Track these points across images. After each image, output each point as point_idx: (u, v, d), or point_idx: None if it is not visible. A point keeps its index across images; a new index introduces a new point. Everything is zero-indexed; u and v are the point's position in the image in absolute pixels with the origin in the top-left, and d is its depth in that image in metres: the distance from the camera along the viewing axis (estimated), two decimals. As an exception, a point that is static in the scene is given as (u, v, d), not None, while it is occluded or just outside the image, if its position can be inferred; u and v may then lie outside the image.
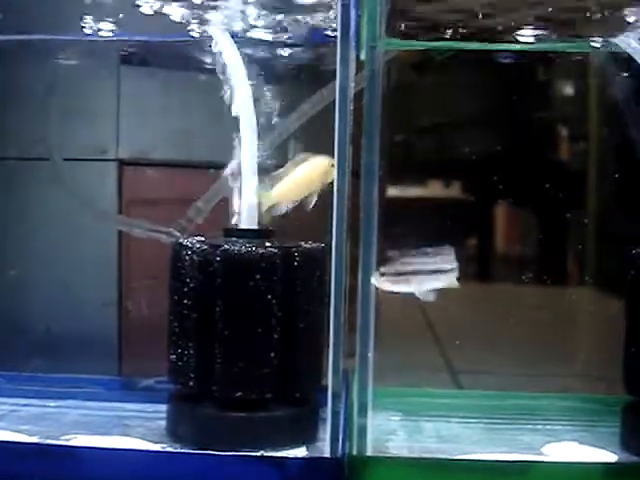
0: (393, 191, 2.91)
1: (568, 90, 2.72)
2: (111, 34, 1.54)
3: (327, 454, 1.20)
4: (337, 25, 1.20)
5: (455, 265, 1.28)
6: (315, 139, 1.46)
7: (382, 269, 1.22)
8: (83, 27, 1.52)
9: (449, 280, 1.27)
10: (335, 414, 1.20)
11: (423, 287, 1.24)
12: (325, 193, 1.34)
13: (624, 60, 1.50)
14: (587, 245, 2.82)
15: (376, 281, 1.21)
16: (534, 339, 2.18)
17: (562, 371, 1.89)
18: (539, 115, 2.76)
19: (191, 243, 1.34)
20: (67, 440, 1.32)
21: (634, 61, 1.45)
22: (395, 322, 2.12)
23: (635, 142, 1.98)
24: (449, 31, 1.50)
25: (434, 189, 3.14)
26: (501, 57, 1.71)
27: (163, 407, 1.41)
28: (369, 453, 1.21)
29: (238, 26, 1.48)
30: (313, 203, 1.37)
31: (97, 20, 1.52)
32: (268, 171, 1.41)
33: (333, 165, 1.21)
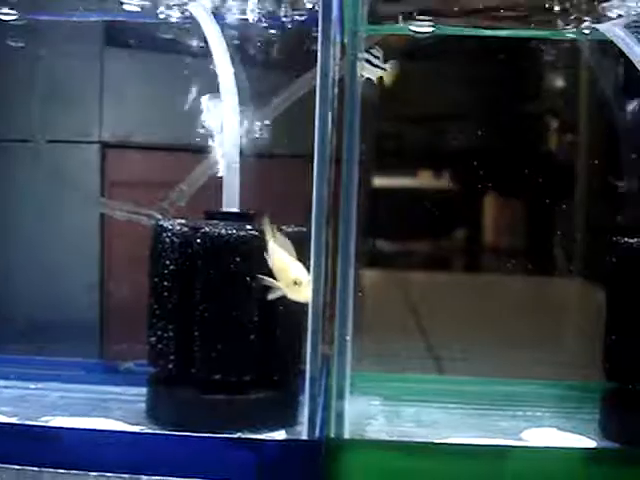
0: (381, 181, 2.92)
1: (558, 80, 2.72)
2: (94, 15, 1.54)
3: (305, 437, 1.20)
4: (319, 9, 1.19)
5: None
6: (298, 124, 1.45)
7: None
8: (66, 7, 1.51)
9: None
10: (313, 397, 1.20)
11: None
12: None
13: (611, 48, 1.50)
14: (575, 236, 2.83)
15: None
16: (520, 328, 2.19)
17: (546, 359, 1.90)
18: (528, 105, 2.76)
19: (171, 225, 1.33)
20: (46, 422, 1.32)
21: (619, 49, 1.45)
22: (380, 312, 2.13)
23: (622, 132, 1.99)
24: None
25: (423, 179, 3.14)
26: (488, 44, 1.71)
27: (143, 390, 1.41)
28: (347, 437, 1.21)
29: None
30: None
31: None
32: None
33: (296, 283, 1.20)
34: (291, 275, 1.21)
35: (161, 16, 1.51)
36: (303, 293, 1.20)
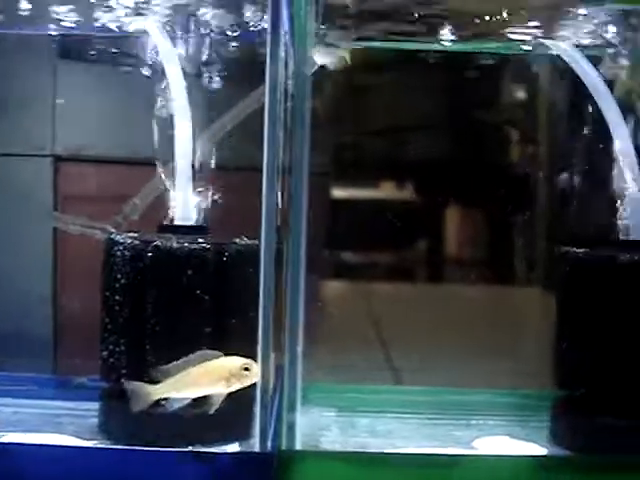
0: (343, 193, 2.93)
1: (518, 92, 2.76)
2: (48, 28, 1.53)
3: (257, 449, 1.20)
4: (268, 22, 1.20)
5: None
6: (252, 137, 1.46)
7: None
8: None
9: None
10: (264, 409, 1.20)
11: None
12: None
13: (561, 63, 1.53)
14: (535, 247, 2.87)
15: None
16: (479, 338, 2.21)
17: (504, 368, 1.91)
18: (488, 117, 2.79)
19: (123, 238, 1.33)
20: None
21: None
22: (341, 323, 2.14)
23: (578, 145, 2.02)
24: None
25: (383, 191, 3.16)
26: (448, 56, 1.73)
27: (96, 405, 1.40)
28: (299, 448, 1.21)
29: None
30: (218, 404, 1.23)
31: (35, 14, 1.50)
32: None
33: (246, 369, 1.18)
34: (238, 365, 1.20)
35: (115, 30, 1.51)
36: (255, 372, 1.19)
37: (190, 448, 1.22)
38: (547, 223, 2.79)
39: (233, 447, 1.30)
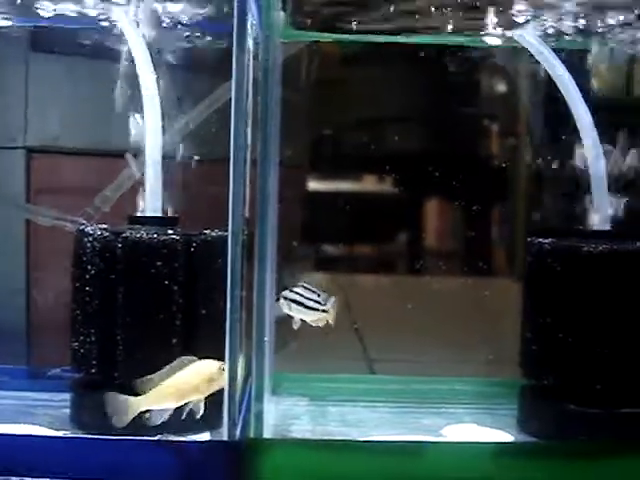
0: (318, 185, 2.94)
1: (496, 85, 2.78)
2: (19, 20, 1.53)
3: (225, 438, 1.21)
4: (234, 13, 1.20)
5: (331, 308, 1.30)
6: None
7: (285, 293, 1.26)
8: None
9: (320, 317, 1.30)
10: (232, 398, 1.21)
11: (298, 315, 1.27)
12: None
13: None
14: (512, 238, 2.89)
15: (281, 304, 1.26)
16: (454, 328, 2.23)
17: (475, 358, 1.93)
18: (466, 110, 2.81)
19: (92, 230, 1.34)
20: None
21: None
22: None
23: (552, 136, 2.03)
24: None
25: (362, 183, 3.17)
26: (425, 48, 1.74)
27: (68, 396, 1.41)
28: (267, 436, 1.23)
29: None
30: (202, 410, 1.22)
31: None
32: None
33: (223, 369, 1.18)
34: (215, 368, 1.20)
35: (86, 21, 1.51)
36: (222, 378, 1.20)
37: (159, 437, 1.22)
38: (524, 215, 2.81)
39: (204, 436, 1.31)
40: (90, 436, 1.26)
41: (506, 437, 1.37)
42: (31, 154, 1.68)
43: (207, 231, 1.38)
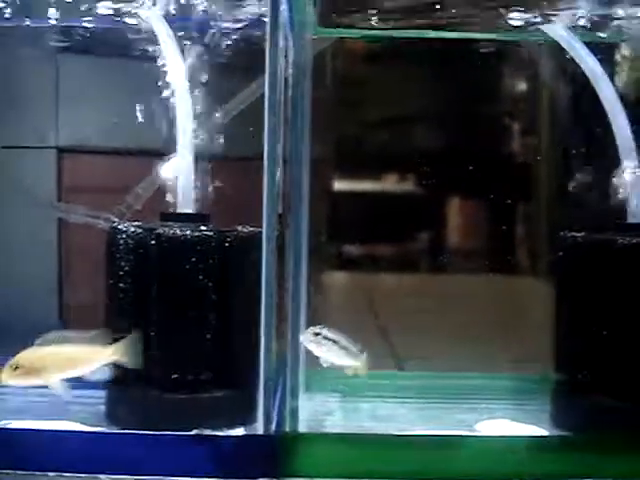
0: (342, 184, 2.95)
1: (520, 82, 2.77)
2: (50, 21, 1.54)
3: (261, 432, 1.22)
4: (268, 11, 1.21)
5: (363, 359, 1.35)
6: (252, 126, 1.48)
7: (316, 330, 1.28)
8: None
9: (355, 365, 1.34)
10: (267, 394, 1.22)
11: (329, 359, 1.30)
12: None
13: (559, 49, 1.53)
14: (536, 235, 2.88)
15: (304, 339, 1.27)
16: (480, 325, 2.23)
17: (504, 354, 1.93)
18: (489, 108, 2.80)
19: (126, 227, 1.35)
20: (6, 424, 1.32)
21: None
22: (344, 312, 2.16)
23: (577, 132, 2.03)
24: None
25: (385, 183, 3.17)
26: (449, 47, 1.74)
27: (103, 392, 1.42)
28: (301, 431, 1.23)
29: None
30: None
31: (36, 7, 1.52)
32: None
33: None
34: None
35: (115, 20, 1.52)
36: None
37: (196, 432, 1.23)
38: (549, 211, 2.80)
39: (238, 432, 1.32)
40: (127, 431, 1.27)
41: (540, 432, 1.36)
42: (62, 154, 1.69)
43: (239, 227, 1.39)
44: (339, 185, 2.92)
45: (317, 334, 1.28)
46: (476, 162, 2.42)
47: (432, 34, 1.56)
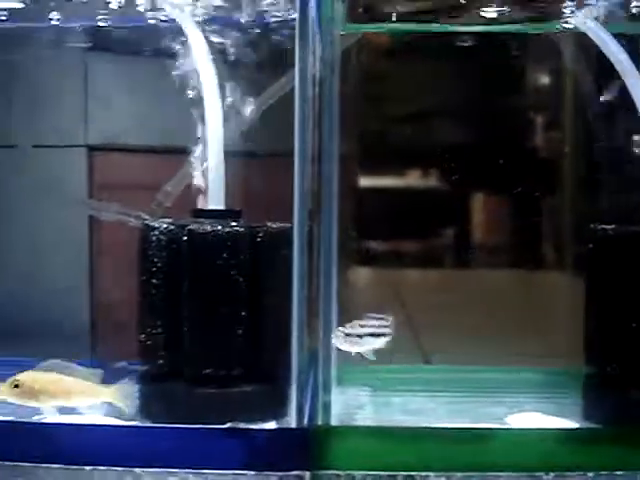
0: (368, 181, 2.95)
1: (543, 75, 2.75)
2: (77, 20, 1.56)
3: (293, 426, 1.23)
4: (296, 7, 1.22)
5: (390, 330, 1.39)
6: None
7: (346, 329, 1.31)
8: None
9: (384, 341, 1.38)
10: (300, 388, 1.23)
11: (368, 347, 1.34)
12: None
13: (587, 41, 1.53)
14: (562, 230, 2.86)
15: (341, 341, 1.29)
16: (508, 319, 2.22)
17: (532, 348, 1.92)
18: (514, 101, 2.79)
19: (158, 224, 1.36)
20: (40, 419, 1.34)
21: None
22: (370, 307, 2.16)
23: (604, 125, 2.02)
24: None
25: (409, 179, 3.17)
26: (470, 41, 1.74)
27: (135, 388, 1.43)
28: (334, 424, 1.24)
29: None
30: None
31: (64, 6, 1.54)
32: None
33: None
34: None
35: (144, 19, 1.54)
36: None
37: (229, 425, 1.24)
38: (575, 205, 2.78)
39: (270, 425, 1.33)
40: (161, 425, 1.29)
41: (571, 425, 1.36)
42: (92, 152, 1.71)
43: (269, 223, 1.40)
44: (364, 181, 2.92)
45: (348, 334, 1.30)
46: (501, 156, 2.41)
47: (459, 28, 1.56)
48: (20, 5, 1.49)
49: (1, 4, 1.50)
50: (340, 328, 1.31)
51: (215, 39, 1.49)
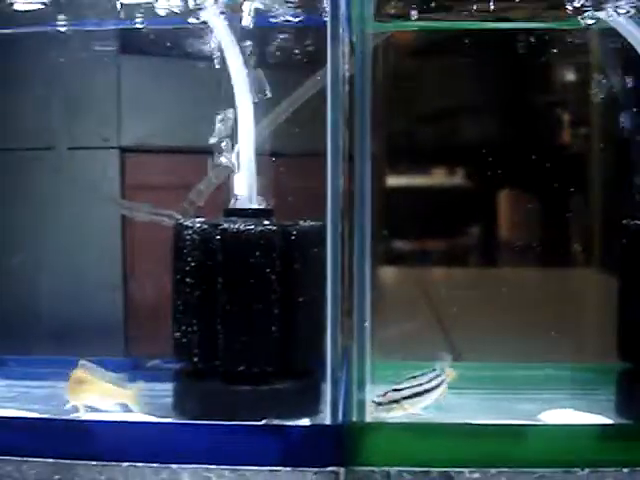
0: (395, 180, 2.95)
1: (570, 71, 2.74)
2: (111, 23, 1.58)
3: (328, 422, 1.24)
4: (327, 7, 1.23)
5: (443, 379, 1.39)
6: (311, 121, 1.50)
7: (377, 399, 1.31)
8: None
9: (439, 393, 1.38)
10: (334, 386, 1.24)
11: (418, 407, 1.34)
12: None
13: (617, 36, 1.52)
14: (591, 228, 2.84)
15: (374, 410, 1.29)
16: (537, 316, 2.21)
17: (562, 344, 1.92)
18: (540, 98, 2.78)
19: (191, 223, 1.38)
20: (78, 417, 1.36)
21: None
22: (399, 306, 2.16)
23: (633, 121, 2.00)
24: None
25: (437, 177, 3.16)
26: (499, 37, 1.74)
27: (169, 386, 1.45)
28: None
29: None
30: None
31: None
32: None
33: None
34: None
35: (175, 21, 1.55)
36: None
37: (264, 421, 1.25)
38: (604, 201, 2.77)
39: (303, 422, 1.34)
40: (198, 422, 1.30)
41: (605, 422, 1.36)
42: (125, 153, 1.73)
43: (301, 221, 1.41)
44: (391, 180, 2.92)
45: (394, 401, 1.30)
46: (530, 154, 2.40)
47: (488, 25, 1.56)
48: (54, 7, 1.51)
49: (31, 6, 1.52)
50: (375, 398, 1.31)
51: (246, 37, 1.50)
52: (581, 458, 1.20)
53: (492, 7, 1.59)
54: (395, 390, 1.33)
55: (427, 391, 1.36)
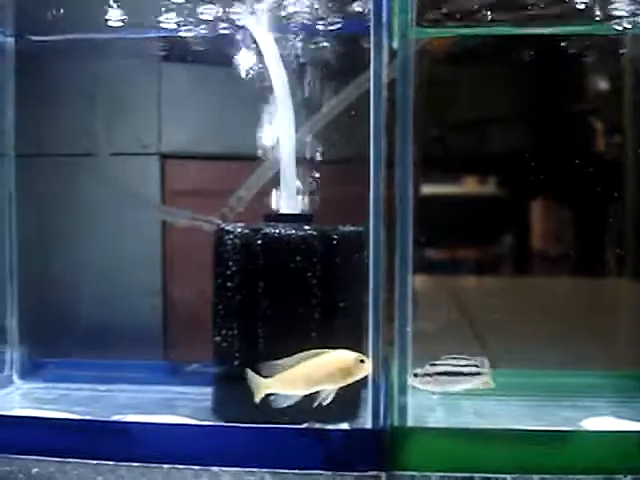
0: (429, 188, 2.94)
1: (603, 79, 2.72)
2: (150, 31, 1.60)
3: (369, 426, 1.24)
4: (370, 14, 1.24)
5: (487, 369, 1.35)
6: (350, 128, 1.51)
7: (415, 370, 1.29)
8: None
9: (481, 381, 1.34)
10: (376, 391, 1.24)
11: (454, 388, 1.31)
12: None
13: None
14: (623, 237, 2.82)
15: (411, 380, 1.28)
16: (573, 325, 2.20)
17: (598, 353, 1.90)
18: (575, 106, 2.76)
19: (233, 228, 1.39)
20: (120, 419, 1.37)
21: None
22: (432, 314, 2.16)
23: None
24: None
25: (470, 186, 3.15)
26: (532, 45, 1.73)
27: (208, 390, 1.46)
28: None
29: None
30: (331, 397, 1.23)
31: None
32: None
33: (361, 361, 1.19)
34: (352, 358, 1.21)
35: (215, 29, 1.57)
36: (367, 364, 1.22)
37: (306, 425, 1.26)
38: (637, 210, 2.74)
39: (343, 426, 1.34)
40: (238, 425, 1.30)
41: (645, 429, 1.35)
42: (164, 159, 1.75)
43: (341, 226, 1.42)
44: (424, 188, 2.91)
45: (428, 374, 1.30)
46: (563, 162, 2.39)
47: (525, 30, 1.56)
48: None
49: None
50: (418, 370, 1.30)
51: (287, 45, 1.52)
52: (623, 465, 1.19)
53: (528, 12, 1.59)
54: (432, 364, 1.32)
55: (462, 374, 1.34)
